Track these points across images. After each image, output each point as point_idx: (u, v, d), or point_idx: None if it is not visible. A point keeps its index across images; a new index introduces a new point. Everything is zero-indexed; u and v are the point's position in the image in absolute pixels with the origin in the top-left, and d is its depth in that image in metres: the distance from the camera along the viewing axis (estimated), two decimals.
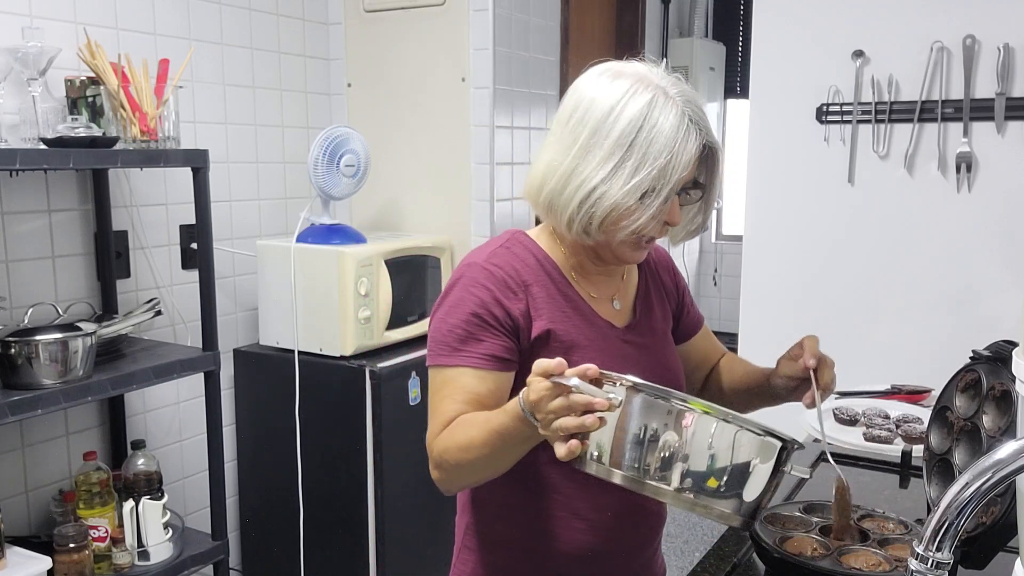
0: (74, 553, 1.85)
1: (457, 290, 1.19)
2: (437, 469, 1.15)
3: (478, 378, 1.15)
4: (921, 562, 0.71)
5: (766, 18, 2.54)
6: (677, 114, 1.11)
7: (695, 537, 3.50)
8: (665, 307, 1.36)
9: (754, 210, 2.63)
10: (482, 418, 1.09)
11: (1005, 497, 1.04)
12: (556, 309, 1.21)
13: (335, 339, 2.37)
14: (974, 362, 1.26)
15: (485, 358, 1.15)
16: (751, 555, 1.24)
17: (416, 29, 2.73)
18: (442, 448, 1.12)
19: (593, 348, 1.21)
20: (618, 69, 1.16)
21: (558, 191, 1.15)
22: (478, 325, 1.15)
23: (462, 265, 1.22)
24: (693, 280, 4.74)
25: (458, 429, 1.11)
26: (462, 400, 1.14)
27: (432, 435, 1.15)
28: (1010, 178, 2.29)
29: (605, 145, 1.11)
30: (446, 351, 1.17)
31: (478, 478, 1.17)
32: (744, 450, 0.96)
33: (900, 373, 2.13)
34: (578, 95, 1.16)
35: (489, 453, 1.08)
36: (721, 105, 4.45)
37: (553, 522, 1.23)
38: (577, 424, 0.94)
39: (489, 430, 1.06)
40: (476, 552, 1.29)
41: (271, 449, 2.53)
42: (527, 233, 1.27)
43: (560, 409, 0.95)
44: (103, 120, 1.98)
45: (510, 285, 1.18)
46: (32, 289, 2.06)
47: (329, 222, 2.50)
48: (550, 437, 0.97)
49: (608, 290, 1.29)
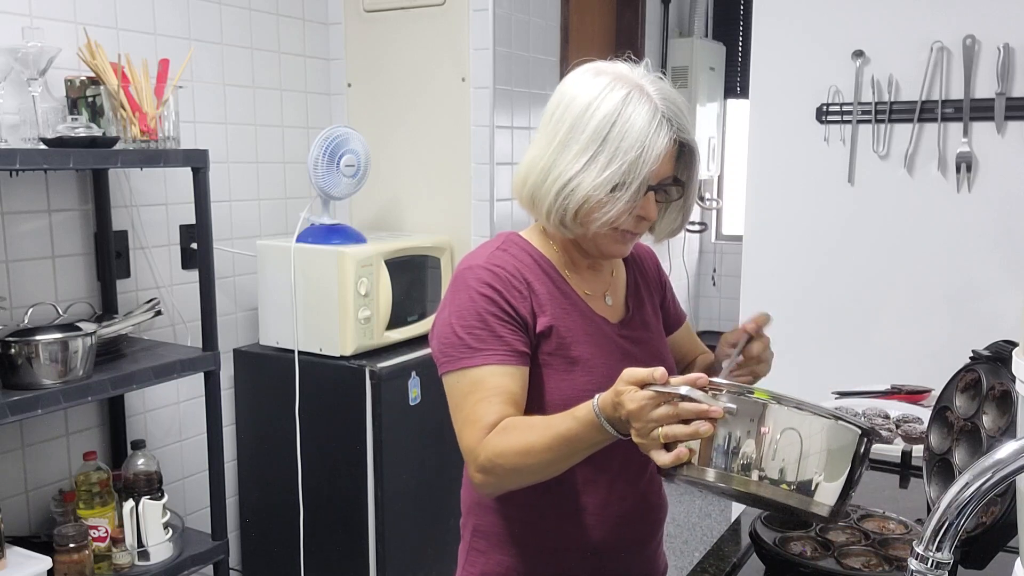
0: (74, 553, 1.85)
1: (463, 294, 1.19)
2: (485, 473, 1.12)
3: (508, 375, 1.15)
4: (921, 562, 0.71)
5: (766, 18, 2.54)
6: (650, 110, 1.14)
7: (695, 537, 3.50)
8: (654, 302, 1.39)
9: (754, 210, 2.63)
10: (541, 423, 1.09)
11: (1005, 497, 1.04)
12: (557, 307, 1.22)
13: (335, 339, 2.37)
14: (974, 362, 1.26)
15: (511, 353, 1.16)
16: (751, 555, 1.24)
17: (416, 29, 2.73)
18: (494, 452, 1.10)
19: (592, 344, 1.23)
20: (600, 68, 1.20)
21: (539, 184, 1.19)
22: (496, 322, 1.16)
23: (462, 269, 1.22)
24: (693, 280, 4.74)
25: (514, 433, 1.10)
26: (500, 400, 1.13)
27: (475, 440, 1.12)
28: (1010, 178, 2.29)
29: (581, 139, 1.15)
30: (466, 353, 1.16)
31: (533, 481, 1.14)
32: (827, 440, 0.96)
33: (900, 373, 2.13)
34: (561, 93, 1.20)
35: (552, 458, 1.07)
36: (721, 105, 4.45)
37: (563, 519, 1.24)
38: (690, 432, 0.94)
39: (554, 435, 1.06)
40: (485, 554, 1.29)
41: (271, 449, 2.53)
42: (520, 234, 1.29)
43: (666, 417, 0.95)
44: (103, 120, 1.98)
45: (515, 285, 1.19)
46: (32, 289, 2.06)
47: (329, 222, 2.50)
48: (646, 445, 0.97)
49: (600, 286, 1.30)
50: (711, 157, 4.34)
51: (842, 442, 0.97)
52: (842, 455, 0.97)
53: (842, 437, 0.97)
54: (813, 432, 0.95)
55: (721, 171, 4.66)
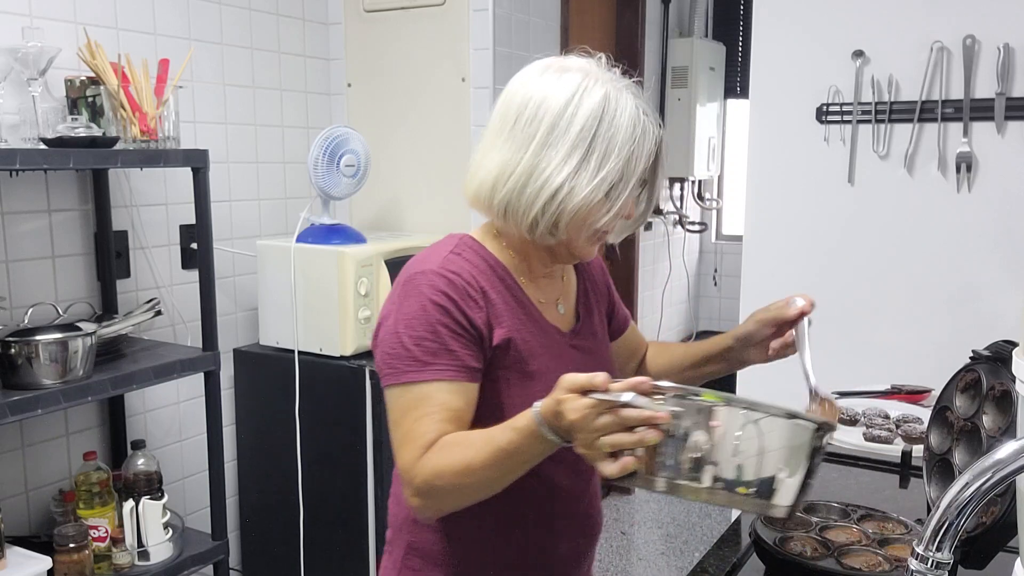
0: (74, 553, 1.85)
1: (414, 300, 1.10)
2: (421, 496, 1.05)
3: (454, 392, 1.07)
4: (921, 562, 0.71)
5: (766, 18, 2.54)
6: (632, 106, 1.10)
7: (695, 537, 3.50)
8: (601, 309, 1.35)
9: (754, 210, 2.63)
10: (480, 437, 1.02)
11: (1005, 497, 1.04)
12: (513, 316, 1.16)
13: (335, 339, 2.37)
14: (974, 362, 1.26)
15: (460, 369, 1.08)
16: (751, 555, 1.24)
17: (416, 29, 2.73)
18: (431, 473, 1.03)
19: (548, 356, 1.17)
20: (562, 64, 1.13)
21: (517, 192, 1.11)
22: (448, 335, 1.08)
23: (412, 273, 1.13)
24: (693, 280, 4.74)
25: (450, 451, 1.03)
26: (441, 419, 1.05)
27: (412, 460, 1.05)
28: (1010, 178, 2.29)
29: (565, 141, 1.08)
30: (414, 366, 1.07)
31: (470, 502, 1.07)
32: (779, 438, 0.93)
33: (900, 373, 2.13)
34: (524, 93, 1.13)
35: (493, 475, 1.01)
36: (721, 105, 4.45)
37: (501, 534, 1.19)
38: (635, 440, 0.89)
39: (494, 450, 0.99)
40: (419, 572, 1.21)
41: (271, 449, 2.53)
42: (472, 236, 1.21)
43: (609, 426, 0.90)
44: (103, 120, 1.98)
45: (470, 293, 1.11)
46: (32, 289, 2.06)
47: (329, 222, 2.50)
48: (591, 455, 0.92)
49: (553, 294, 1.25)
50: (711, 157, 4.34)
51: (797, 440, 0.93)
52: (796, 453, 0.93)
53: (796, 435, 0.93)
54: (765, 432, 0.92)
55: (721, 171, 4.66)
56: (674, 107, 4.16)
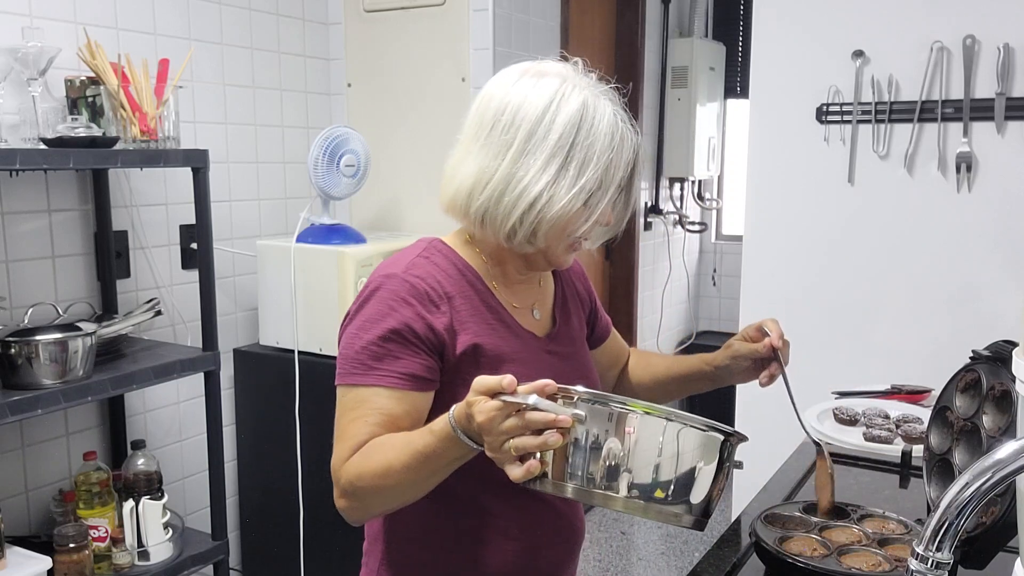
0: (74, 553, 1.85)
1: (374, 304, 1.10)
2: (346, 498, 1.06)
3: (394, 399, 1.07)
4: (921, 562, 0.71)
5: (766, 18, 2.54)
6: (610, 113, 1.09)
7: (695, 537, 3.50)
8: (580, 314, 1.33)
9: (754, 210, 2.63)
10: (400, 440, 1.02)
11: (1005, 497, 1.04)
12: (481, 322, 1.14)
13: (335, 339, 2.36)
14: (974, 362, 1.26)
15: (403, 377, 1.07)
16: (751, 555, 1.24)
17: (416, 29, 2.73)
18: (354, 474, 1.03)
19: (520, 361, 1.16)
20: (539, 69, 1.12)
21: (494, 200, 1.09)
22: (397, 343, 1.08)
23: (378, 276, 1.13)
24: (693, 280, 4.74)
25: (372, 453, 1.03)
26: (375, 422, 1.06)
27: (340, 460, 1.05)
28: (1010, 178, 2.29)
29: (544, 149, 1.07)
30: (360, 369, 1.08)
31: (394, 505, 1.08)
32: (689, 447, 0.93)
33: (900, 373, 2.14)
34: (501, 98, 1.11)
35: (412, 478, 1.01)
36: (721, 105, 4.44)
37: (482, 544, 1.17)
38: (539, 443, 0.89)
39: (412, 452, 0.99)
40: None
41: (271, 449, 2.53)
42: (444, 240, 1.20)
43: (514, 429, 0.89)
44: (103, 120, 1.98)
45: (432, 298, 1.10)
46: (32, 289, 2.06)
47: (329, 222, 2.50)
48: (500, 458, 0.91)
49: (528, 299, 1.23)
50: (711, 157, 4.34)
51: (701, 447, 0.93)
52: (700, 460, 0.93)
53: (702, 443, 0.93)
54: (669, 439, 0.91)
55: (721, 171, 4.66)
56: (674, 107, 4.16)
